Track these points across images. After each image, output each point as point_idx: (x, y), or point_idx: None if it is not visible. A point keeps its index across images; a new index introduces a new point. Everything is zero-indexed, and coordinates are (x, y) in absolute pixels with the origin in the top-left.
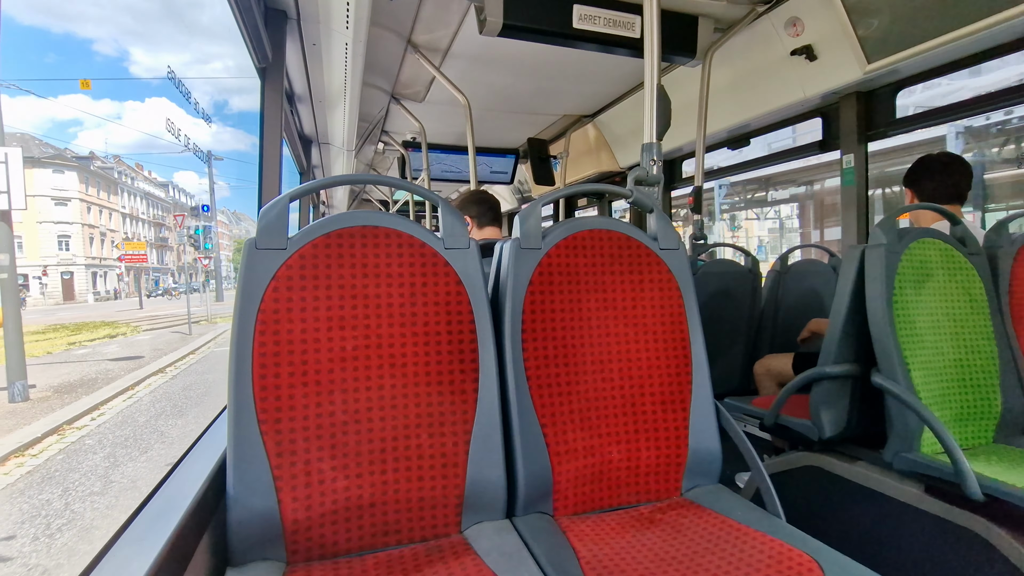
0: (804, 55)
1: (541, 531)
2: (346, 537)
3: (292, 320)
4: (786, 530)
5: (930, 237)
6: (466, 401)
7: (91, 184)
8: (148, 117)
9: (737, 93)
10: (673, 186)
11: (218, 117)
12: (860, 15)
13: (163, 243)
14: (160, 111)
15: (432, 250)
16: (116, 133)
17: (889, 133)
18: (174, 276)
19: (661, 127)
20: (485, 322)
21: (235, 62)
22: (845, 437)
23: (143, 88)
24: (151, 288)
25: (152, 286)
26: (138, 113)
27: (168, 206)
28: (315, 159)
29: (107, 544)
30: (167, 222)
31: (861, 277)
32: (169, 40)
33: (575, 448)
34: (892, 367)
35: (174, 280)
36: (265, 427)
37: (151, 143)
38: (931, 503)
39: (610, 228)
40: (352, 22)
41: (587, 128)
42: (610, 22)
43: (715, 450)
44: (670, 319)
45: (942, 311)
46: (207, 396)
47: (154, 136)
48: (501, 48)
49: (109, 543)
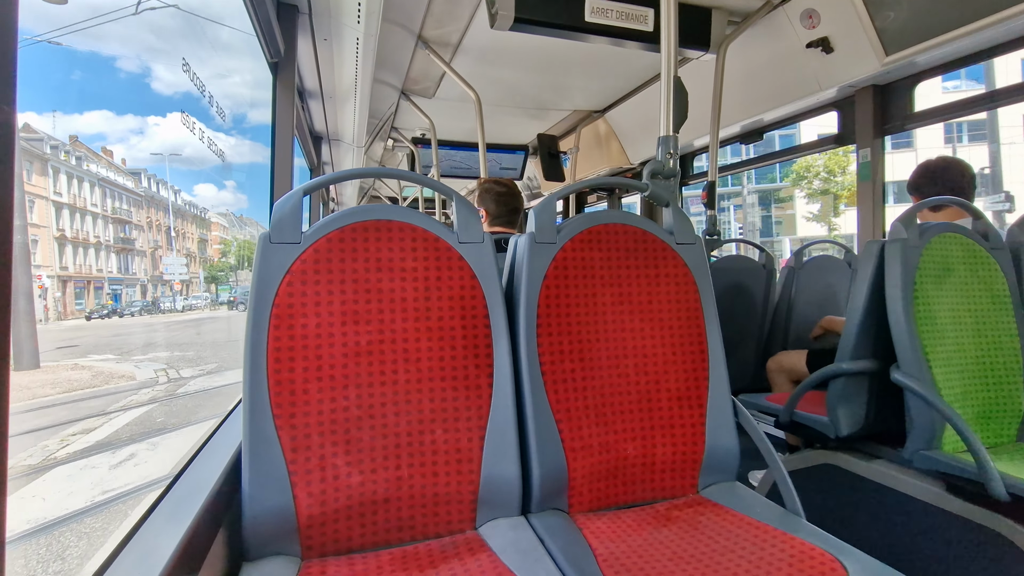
0: (820, 47)
1: (557, 528)
2: (360, 533)
3: (306, 314)
4: (807, 528)
5: (952, 232)
6: (480, 396)
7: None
8: (169, 132)
9: (751, 86)
10: (684, 182)
11: (237, 130)
12: (878, 6)
13: (127, 246)
14: (181, 125)
15: (446, 244)
16: (138, 147)
17: (906, 127)
18: (144, 290)
19: (678, 119)
20: (499, 317)
21: (253, 76)
22: (862, 435)
23: (165, 103)
24: (112, 306)
25: (113, 303)
26: (160, 128)
27: (139, 200)
28: (325, 156)
29: (124, 538)
30: (136, 219)
31: (880, 272)
32: (191, 56)
33: (590, 444)
34: (912, 364)
35: (143, 296)
36: (280, 422)
37: (171, 156)
38: (953, 502)
39: (626, 222)
40: (363, 16)
41: (597, 123)
42: (622, 15)
43: (732, 447)
44: (686, 314)
45: (964, 307)
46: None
47: (176, 148)
48: (511, 43)
49: (127, 537)
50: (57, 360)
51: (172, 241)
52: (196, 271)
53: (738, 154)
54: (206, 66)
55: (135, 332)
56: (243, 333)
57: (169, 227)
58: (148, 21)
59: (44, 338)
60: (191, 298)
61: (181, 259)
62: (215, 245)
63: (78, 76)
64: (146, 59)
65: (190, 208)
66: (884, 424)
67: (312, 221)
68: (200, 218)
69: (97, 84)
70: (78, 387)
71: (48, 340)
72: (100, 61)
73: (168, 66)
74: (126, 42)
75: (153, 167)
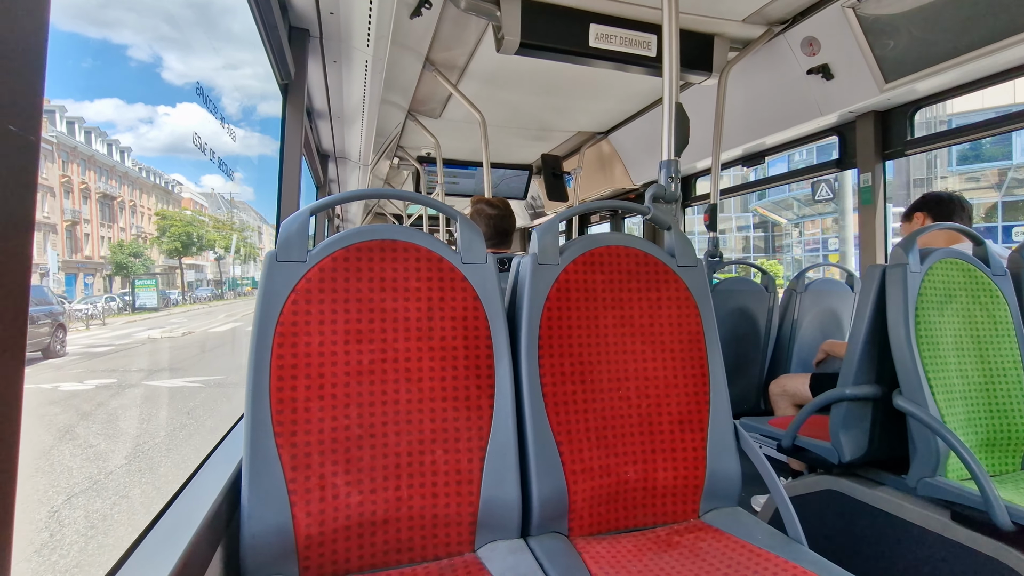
0: (820, 74)
1: (556, 552)
2: (359, 554)
3: (310, 333)
4: (809, 557)
5: (953, 257)
6: (481, 417)
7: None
8: (179, 121)
9: (752, 111)
10: (687, 203)
11: (245, 123)
12: (877, 35)
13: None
14: (191, 116)
15: (449, 264)
16: (147, 136)
17: (907, 152)
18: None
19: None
20: (501, 337)
21: (264, 69)
22: (866, 461)
23: (176, 93)
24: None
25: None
26: (170, 117)
27: (48, 150)
28: (332, 174)
29: (123, 555)
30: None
31: (881, 297)
32: (203, 46)
33: (591, 467)
34: (915, 390)
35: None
36: (281, 440)
37: (179, 146)
38: (957, 531)
39: (628, 245)
40: (373, 40)
41: (601, 145)
42: (626, 41)
43: (734, 472)
44: (687, 337)
45: (966, 333)
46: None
47: (183, 139)
48: (517, 66)
49: (126, 554)
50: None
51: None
52: (152, 258)
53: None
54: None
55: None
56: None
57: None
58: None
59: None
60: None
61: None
62: (161, 220)
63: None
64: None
65: (149, 177)
66: (888, 450)
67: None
68: (163, 190)
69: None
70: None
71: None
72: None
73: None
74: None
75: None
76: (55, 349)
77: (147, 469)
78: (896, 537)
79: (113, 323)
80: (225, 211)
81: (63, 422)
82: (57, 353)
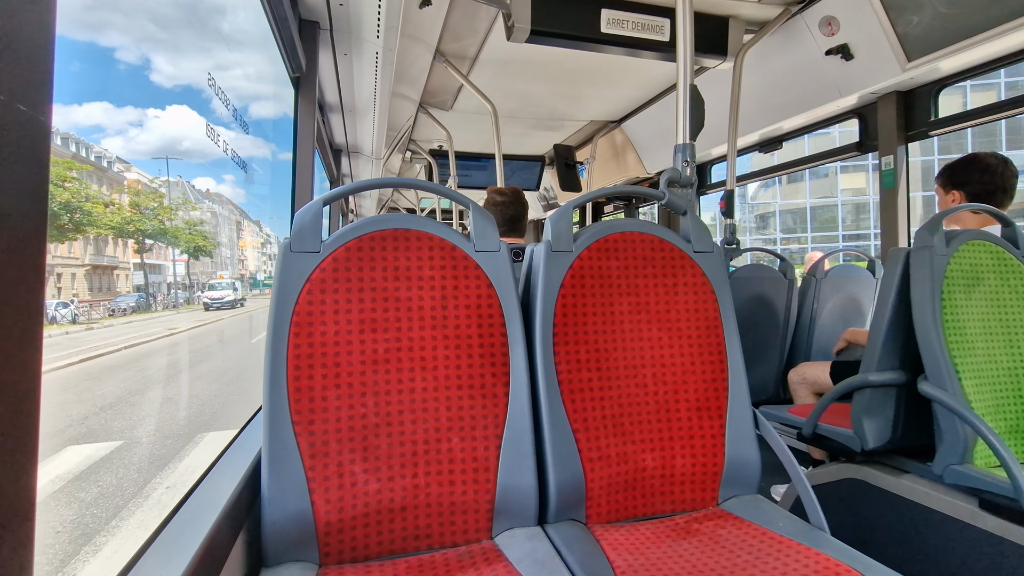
0: (840, 55)
1: (574, 539)
2: (377, 540)
3: (325, 322)
4: (832, 544)
5: (980, 239)
6: (497, 405)
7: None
8: (169, 124)
9: (769, 95)
10: (702, 191)
11: (237, 124)
12: (899, 12)
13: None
14: (180, 118)
15: (463, 253)
16: (137, 139)
17: (931, 133)
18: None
19: (694, 128)
20: (516, 325)
21: (255, 69)
22: (889, 448)
23: (165, 95)
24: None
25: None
26: (159, 120)
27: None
28: (344, 168)
29: (145, 543)
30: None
31: (906, 281)
32: (192, 47)
33: (608, 455)
34: (941, 375)
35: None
36: (299, 428)
37: (170, 149)
38: (986, 519)
39: (643, 231)
40: (383, 31)
41: (614, 134)
42: (638, 25)
43: (753, 459)
44: (705, 323)
45: (994, 317)
46: None
47: (174, 142)
48: (528, 55)
49: (147, 542)
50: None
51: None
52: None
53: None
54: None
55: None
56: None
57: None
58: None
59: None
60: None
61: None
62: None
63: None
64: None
65: (67, 146)
66: (912, 438)
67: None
68: (97, 168)
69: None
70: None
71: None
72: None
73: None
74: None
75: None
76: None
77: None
78: (922, 525)
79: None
80: (194, 200)
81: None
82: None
